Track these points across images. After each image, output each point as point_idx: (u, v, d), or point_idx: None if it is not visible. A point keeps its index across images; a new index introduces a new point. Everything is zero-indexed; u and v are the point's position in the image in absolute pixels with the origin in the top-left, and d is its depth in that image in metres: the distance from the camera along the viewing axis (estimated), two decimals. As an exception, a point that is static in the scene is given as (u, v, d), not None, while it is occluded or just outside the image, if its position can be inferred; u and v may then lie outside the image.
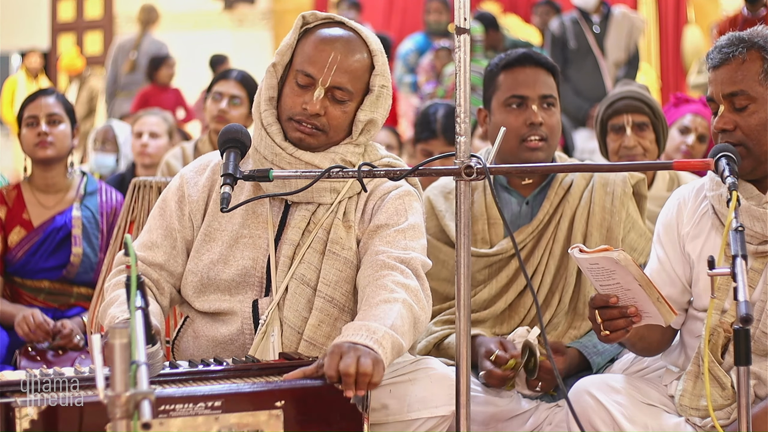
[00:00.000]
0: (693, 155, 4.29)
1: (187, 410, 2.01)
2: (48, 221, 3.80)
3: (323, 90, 2.49)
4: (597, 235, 2.97)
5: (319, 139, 2.53)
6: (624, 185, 3.02)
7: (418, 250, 2.50)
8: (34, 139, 3.79)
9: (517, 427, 2.81)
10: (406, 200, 2.56)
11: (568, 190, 3.03)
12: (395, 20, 11.59)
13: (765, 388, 2.49)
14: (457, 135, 2.21)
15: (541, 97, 2.98)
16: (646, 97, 3.73)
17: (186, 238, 2.61)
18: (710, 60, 2.55)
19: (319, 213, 2.56)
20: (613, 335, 2.34)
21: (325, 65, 2.49)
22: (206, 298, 2.57)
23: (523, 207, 3.03)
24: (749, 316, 2.00)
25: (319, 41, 2.52)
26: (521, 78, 3.00)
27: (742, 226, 2.13)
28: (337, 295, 2.51)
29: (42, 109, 3.81)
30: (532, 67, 3.01)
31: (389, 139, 5.65)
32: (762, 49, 2.50)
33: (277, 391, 2.10)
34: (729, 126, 2.50)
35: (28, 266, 3.77)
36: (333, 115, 2.51)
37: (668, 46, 10.79)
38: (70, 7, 13.40)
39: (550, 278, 2.97)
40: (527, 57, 3.01)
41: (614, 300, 2.31)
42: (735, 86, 2.50)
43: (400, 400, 2.40)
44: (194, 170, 2.66)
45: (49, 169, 3.84)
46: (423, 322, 2.40)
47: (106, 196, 3.90)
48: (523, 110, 2.98)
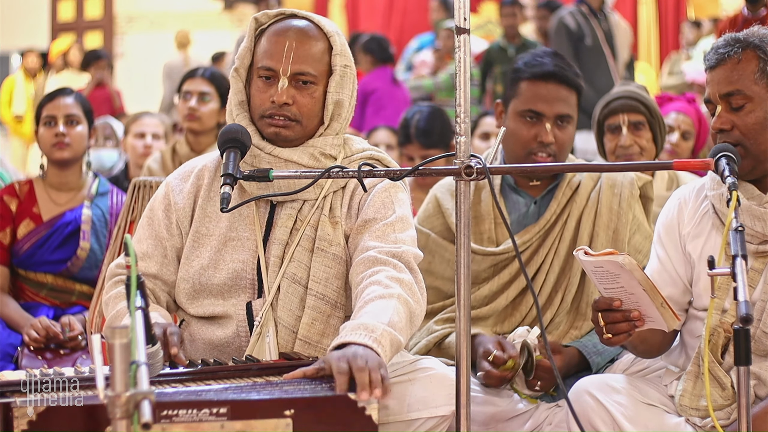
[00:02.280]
0: (678, 153, 4.30)
1: (190, 416, 1.97)
2: (58, 216, 3.82)
3: (286, 79, 2.52)
4: (603, 236, 2.98)
5: (295, 129, 2.54)
6: (632, 187, 3.03)
7: (409, 243, 2.50)
8: (51, 140, 3.81)
9: (517, 427, 2.81)
10: (392, 192, 2.56)
11: (576, 190, 3.04)
12: (395, 20, 11.59)
13: (765, 388, 2.49)
14: (457, 135, 2.21)
15: (556, 116, 2.98)
16: (642, 97, 3.73)
17: (175, 246, 2.61)
18: (707, 61, 2.56)
19: (305, 210, 2.56)
20: (615, 338, 2.35)
21: (283, 55, 2.51)
22: (200, 303, 2.57)
23: (531, 207, 3.04)
24: (749, 316, 2.00)
25: (273, 35, 2.55)
26: (542, 94, 2.97)
27: (743, 225, 2.13)
28: (328, 291, 2.51)
29: (60, 109, 3.83)
30: (555, 84, 2.98)
31: (389, 139, 5.62)
32: (758, 49, 2.50)
33: (286, 399, 2.03)
34: (726, 126, 2.50)
35: (33, 258, 3.78)
36: (302, 102, 2.53)
37: (668, 45, 10.81)
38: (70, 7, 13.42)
39: (554, 277, 2.97)
40: (554, 75, 2.98)
41: (618, 303, 2.31)
42: (731, 86, 2.50)
43: (400, 400, 2.39)
44: (179, 177, 2.67)
45: (65, 169, 3.87)
46: (419, 316, 2.40)
47: (117, 198, 3.93)
48: (535, 125, 2.97)
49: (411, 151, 4.60)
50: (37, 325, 3.61)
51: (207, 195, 2.62)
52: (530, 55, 3.06)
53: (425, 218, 3.12)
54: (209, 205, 2.61)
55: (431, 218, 3.11)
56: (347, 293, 2.53)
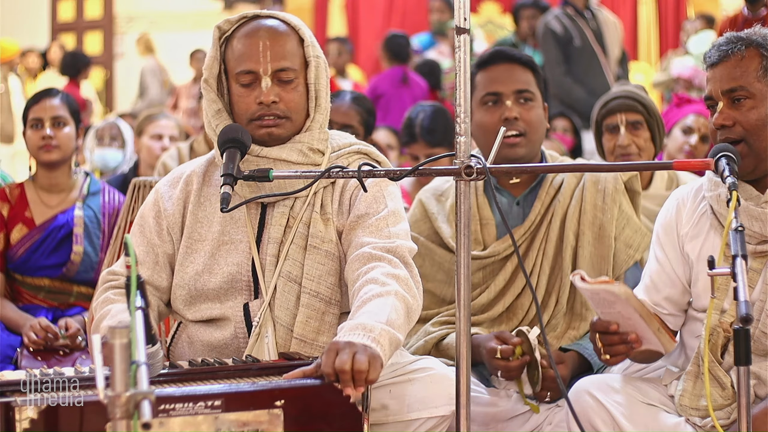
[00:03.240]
0: (696, 155, 4.29)
1: (187, 409, 2.01)
2: (50, 219, 3.80)
3: (269, 78, 2.52)
4: (589, 233, 2.96)
5: (285, 127, 2.54)
6: (615, 182, 3.00)
7: (403, 236, 2.51)
8: (38, 142, 3.80)
9: (517, 427, 2.81)
10: (383, 185, 2.57)
11: (559, 189, 3.01)
12: (395, 20, 11.58)
13: (765, 387, 2.49)
14: (457, 135, 2.21)
15: (516, 92, 2.97)
16: (640, 96, 3.74)
17: (167, 252, 2.61)
18: (708, 58, 2.56)
19: (296, 207, 2.56)
20: (613, 359, 2.42)
21: (260, 55, 2.51)
22: (197, 308, 2.57)
23: (514, 207, 3.02)
24: (749, 316, 2.00)
25: (243, 38, 2.55)
26: (495, 75, 2.99)
27: (742, 226, 2.13)
28: (322, 289, 2.51)
29: (47, 111, 3.82)
30: (505, 63, 3.00)
31: (389, 139, 5.62)
32: (760, 47, 2.50)
33: (276, 390, 2.10)
34: (728, 122, 2.50)
35: (28, 263, 3.77)
36: (288, 98, 2.53)
37: (668, 45, 10.80)
38: (70, 7, 13.41)
39: (545, 279, 2.95)
40: (500, 54, 3.02)
41: (615, 327, 2.36)
42: (734, 82, 2.50)
43: (399, 400, 2.40)
44: (168, 183, 2.67)
45: (53, 170, 3.85)
46: (416, 311, 2.40)
47: (109, 196, 3.91)
48: (498, 107, 2.97)
49: (416, 150, 4.59)
50: (37, 327, 3.60)
51: (197, 200, 2.61)
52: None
53: (413, 223, 3.08)
54: (200, 210, 2.60)
55: (419, 223, 3.09)
56: (342, 290, 2.53)
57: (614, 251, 2.97)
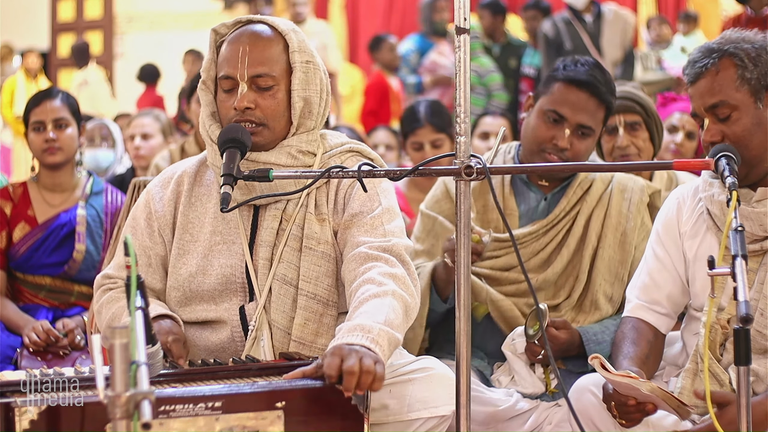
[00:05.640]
0: (682, 153, 4.29)
1: (187, 410, 2.00)
2: (52, 218, 3.81)
3: (245, 84, 2.50)
4: (611, 237, 3.01)
5: (263, 134, 2.52)
6: (642, 193, 3.08)
7: (398, 234, 2.50)
8: (42, 145, 3.80)
9: (517, 427, 2.81)
10: (376, 182, 2.56)
11: (587, 190, 3.07)
12: (395, 20, 11.57)
13: (762, 384, 2.49)
14: (457, 135, 2.21)
15: (578, 125, 2.98)
16: (638, 96, 3.73)
17: (159, 254, 2.61)
18: (686, 76, 2.57)
19: (289, 208, 2.54)
20: (628, 424, 2.40)
21: (238, 61, 2.50)
22: (192, 309, 2.56)
23: (541, 203, 3.07)
24: (749, 316, 2.00)
25: (228, 44, 2.55)
26: (571, 99, 2.98)
27: (742, 225, 2.13)
28: (319, 290, 2.50)
29: (48, 114, 3.81)
30: (586, 93, 2.98)
31: (389, 139, 5.61)
32: (733, 56, 2.50)
33: (278, 391, 2.09)
34: (716, 138, 2.51)
35: (30, 261, 3.78)
36: (264, 105, 2.51)
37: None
38: (70, 7, 13.40)
39: (561, 266, 3.00)
40: (587, 84, 2.98)
41: (632, 402, 2.35)
42: (714, 98, 2.51)
43: (400, 400, 2.39)
44: (159, 185, 2.67)
45: (57, 171, 3.86)
46: (414, 309, 2.40)
47: (112, 196, 3.92)
48: (556, 127, 2.98)
49: (421, 136, 4.52)
50: (38, 329, 3.60)
51: (188, 201, 2.61)
52: (572, 60, 3.07)
53: (433, 202, 3.15)
54: (191, 211, 2.60)
55: (440, 202, 3.14)
56: (339, 290, 2.53)
57: (632, 259, 3.00)
